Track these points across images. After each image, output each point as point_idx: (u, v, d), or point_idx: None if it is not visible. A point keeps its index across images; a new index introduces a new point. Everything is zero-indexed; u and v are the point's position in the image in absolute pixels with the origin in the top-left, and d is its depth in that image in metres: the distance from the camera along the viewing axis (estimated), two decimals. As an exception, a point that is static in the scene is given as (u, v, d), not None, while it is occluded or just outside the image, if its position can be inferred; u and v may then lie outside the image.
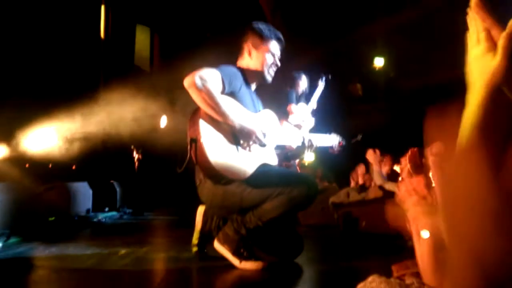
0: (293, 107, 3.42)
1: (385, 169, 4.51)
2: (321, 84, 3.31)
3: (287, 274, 2.22)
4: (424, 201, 1.24)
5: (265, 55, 2.46)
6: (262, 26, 2.50)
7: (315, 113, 3.24)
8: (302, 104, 3.52)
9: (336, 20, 7.29)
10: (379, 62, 7.97)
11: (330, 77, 3.29)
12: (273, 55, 2.49)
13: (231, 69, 2.38)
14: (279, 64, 2.53)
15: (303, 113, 3.46)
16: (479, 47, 0.77)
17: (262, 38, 2.46)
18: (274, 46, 2.49)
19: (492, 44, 0.74)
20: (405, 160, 1.44)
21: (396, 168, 4.39)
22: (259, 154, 2.38)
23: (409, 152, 1.43)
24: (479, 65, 0.75)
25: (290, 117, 3.00)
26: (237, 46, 2.54)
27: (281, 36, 2.51)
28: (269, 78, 2.51)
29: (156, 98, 5.67)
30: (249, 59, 2.48)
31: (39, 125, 4.86)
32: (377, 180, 4.26)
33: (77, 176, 5.47)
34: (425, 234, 1.23)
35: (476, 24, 0.79)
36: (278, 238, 2.41)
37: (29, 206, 4.45)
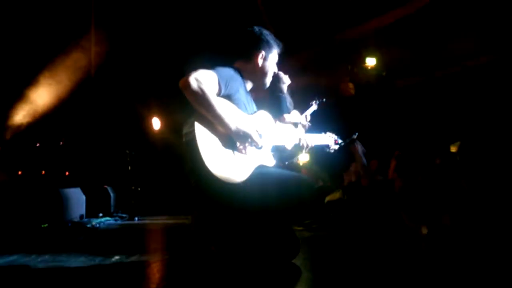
0: (286, 116, 3.40)
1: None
2: (314, 106, 3.28)
3: (285, 275, 2.19)
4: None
5: (271, 63, 2.59)
6: (271, 34, 2.61)
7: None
8: (295, 112, 3.50)
9: (326, 19, 7.26)
10: (370, 61, 7.96)
11: (324, 100, 3.29)
12: (275, 63, 2.63)
13: (228, 71, 2.35)
14: (277, 71, 2.67)
15: (297, 119, 3.44)
16: None
17: (273, 47, 2.59)
18: (277, 55, 2.64)
19: None
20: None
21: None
22: (256, 156, 2.35)
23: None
24: None
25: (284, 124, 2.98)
26: (238, 47, 2.58)
27: (282, 45, 2.64)
28: (268, 84, 2.65)
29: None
30: (255, 64, 2.55)
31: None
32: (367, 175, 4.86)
33: (70, 182, 5.42)
34: None
35: None
36: (275, 239, 2.38)
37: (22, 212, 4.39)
